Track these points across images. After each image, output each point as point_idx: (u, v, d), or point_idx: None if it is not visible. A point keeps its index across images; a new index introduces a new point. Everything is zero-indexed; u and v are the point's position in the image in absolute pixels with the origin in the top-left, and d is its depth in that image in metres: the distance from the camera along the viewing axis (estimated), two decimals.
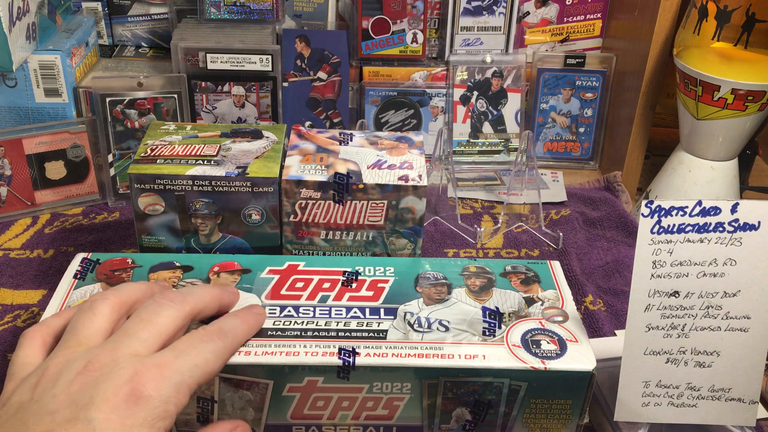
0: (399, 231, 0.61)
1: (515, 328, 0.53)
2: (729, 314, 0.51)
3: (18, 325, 0.67)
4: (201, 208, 0.61)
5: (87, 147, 0.82)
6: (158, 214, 0.61)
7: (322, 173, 0.59)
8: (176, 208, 0.61)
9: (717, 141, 0.79)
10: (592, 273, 0.77)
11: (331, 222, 0.61)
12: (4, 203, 0.80)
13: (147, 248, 0.62)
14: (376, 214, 0.60)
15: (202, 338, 0.45)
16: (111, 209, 0.83)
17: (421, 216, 0.60)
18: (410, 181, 0.59)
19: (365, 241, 0.62)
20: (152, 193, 0.60)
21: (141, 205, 0.60)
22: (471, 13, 0.93)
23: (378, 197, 0.59)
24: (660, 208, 0.49)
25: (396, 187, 0.59)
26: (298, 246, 0.62)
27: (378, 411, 0.52)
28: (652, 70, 0.85)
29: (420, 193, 0.59)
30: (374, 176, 0.59)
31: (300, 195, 0.59)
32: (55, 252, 0.76)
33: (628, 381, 0.52)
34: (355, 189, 0.59)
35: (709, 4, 0.75)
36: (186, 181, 0.59)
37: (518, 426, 0.53)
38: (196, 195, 0.60)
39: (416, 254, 0.63)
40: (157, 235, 0.62)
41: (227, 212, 0.61)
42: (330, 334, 0.51)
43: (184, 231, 0.62)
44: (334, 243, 0.62)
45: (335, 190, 0.59)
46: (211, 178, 0.59)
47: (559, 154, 0.99)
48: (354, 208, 0.60)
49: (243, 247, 0.63)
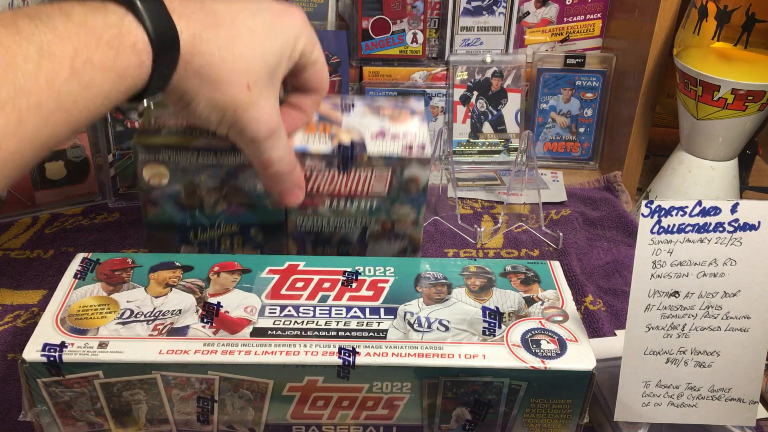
0: (402, 199, 0.61)
1: (515, 327, 0.53)
2: (729, 314, 0.51)
3: (18, 325, 0.67)
4: (206, 180, 0.60)
5: (87, 147, 0.82)
6: (163, 186, 0.60)
7: (326, 144, 0.59)
8: (181, 180, 0.60)
9: (717, 141, 0.79)
10: (592, 273, 0.77)
11: (336, 191, 0.60)
12: (4, 203, 0.80)
13: (152, 222, 0.61)
14: (380, 183, 0.60)
15: None
16: (111, 209, 0.83)
17: (424, 186, 0.60)
18: (414, 153, 0.59)
19: (369, 209, 0.61)
20: (157, 164, 0.59)
21: (146, 175, 0.59)
22: (471, 13, 0.93)
23: (382, 167, 0.59)
24: (660, 208, 0.49)
25: (400, 158, 0.59)
26: (302, 215, 0.62)
27: (378, 411, 0.52)
28: (652, 70, 0.85)
29: (424, 163, 0.59)
30: (379, 147, 0.59)
31: (305, 165, 0.58)
32: (55, 252, 0.76)
33: (628, 381, 0.52)
34: (360, 159, 0.59)
35: (709, 4, 0.75)
36: (191, 153, 0.58)
37: (518, 426, 0.53)
38: (201, 167, 0.59)
39: (419, 221, 0.63)
40: (162, 207, 0.61)
41: (232, 184, 0.60)
42: (330, 334, 0.51)
43: (189, 203, 0.61)
44: (338, 212, 0.62)
45: (340, 161, 0.59)
46: (216, 150, 0.58)
47: (559, 154, 0.99)
48: (358, 177, 0.60)
49: (247, 217, 0.62)
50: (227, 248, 0.64)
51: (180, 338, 0.50)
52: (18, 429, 0.56)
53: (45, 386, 0.49)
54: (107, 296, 0.54)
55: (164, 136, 0.59)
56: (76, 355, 0.49)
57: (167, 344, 0.50)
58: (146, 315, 0.52)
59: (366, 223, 0.62)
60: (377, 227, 0.62)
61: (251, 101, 0.49)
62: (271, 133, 0.51)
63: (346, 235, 0.63)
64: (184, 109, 0.48)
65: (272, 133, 0.51)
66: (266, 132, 0.51)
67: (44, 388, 0.49)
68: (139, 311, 0.53)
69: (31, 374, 0.49)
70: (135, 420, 0.52)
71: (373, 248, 0.64)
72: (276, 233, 0.63)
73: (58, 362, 0.48)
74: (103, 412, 0.51)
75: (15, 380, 0.60)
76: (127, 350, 0.49)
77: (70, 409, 0.51)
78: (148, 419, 0.52)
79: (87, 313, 0.52)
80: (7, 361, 0.63)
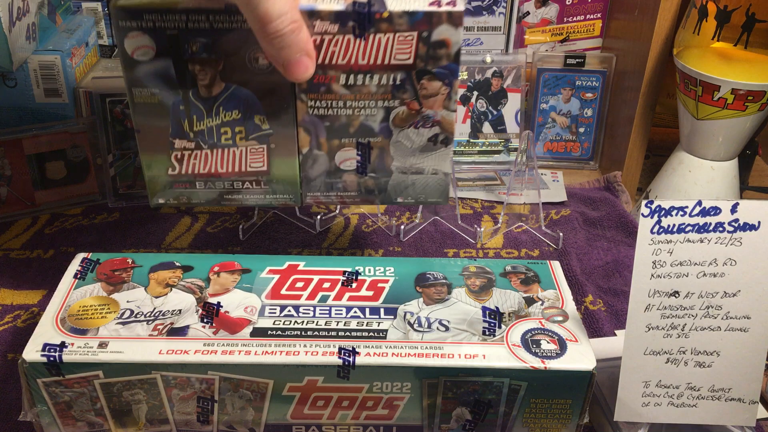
0: (431, 71, 0.52)
1: (515, 327, 0.53)
2: (729, 314, 0.51)
3: (18, 325, 0.67)
4: (198, 50, 0.51)
5: (87, 147, 0.82)
6: (149, 60, 0.51)
7: (339, 2, 0.50)
8: (169, 52, 0.51)
9: (717, 141, 0.79)
10: (592, 273, 0.77)
11: (352, 62, 0.52)
12: (4, 203, 0.80)
13: (140, 104, 0.53)
14: (404, 49, 0.51)
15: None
16: (111, 209, 0.83)
17: (457, 51, 0.52)
18: (443, 6, 0.50)
19: (392, 86, 0.53)
20: (140, 32, 0.50)
21: (128, 48, 0.51)
22: (471, 13, 0.93)
23: (406, 28, 0.50)
24: (660, 208, 0.49)
25: (427, 15, 0.50)
26: (314, 96, 0.53)
27: (378, 411, 0.52)
28: (652, 70, 0.85)
29: (455, 20, 0.51)
30: (401, 3, 0.50)
31: (314, 29, 0.50)
32: (55, 252, 0.76)
33: (628, 381, 0.52)
34: (379, 19, 0.50)
35: (709, 4, 0.75)
36: (179, 17, 0.50)
37: (518, 426, 0.53)
38: (192, 34, 0.50)
39: (451, 101, 0.54)
40: (150, 87, 0.52)
41: (229, 56, 0.52)
42: (330, 334, 0.51)
43: (181, 81, 0.52)
44: (356, 89, 0.53)
45: (355, 21, 0.50)
46: (208, 12, 0.50)
47: (559, 154, 0.99)
48: (378, 43, 0.51)
49: (250, 100, 0.54)
50: (229, 141, 0.55)
51: (180, 338, 0.50)
52: (18, 429, 0.56)
53: (45, 386, 0.49)
54: (107, 296, 0.54)
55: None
56: (76, 355, 0.49)
57: (167, 344, 0.50)
58: (146, 315, 0.52)
59: (389, 104, 0.53)
60: (402, 109, 0.54)
61: None
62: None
63: (366, 120, 0.54)
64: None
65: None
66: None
67: (44, 388, 0.49)
68: (139, 311, 0.53)
69: (31, 374, 0.49)
70: (135, 420, 0.52)
71: (397, 137, 0.55)
72: (284, 120, 0.54)
73: (58, 362, 0.48)
74: (103, 412, 0.51)
75: (15, 380, 0.60)
76: (127, 350, 0.49)
77: (70, 409, 0.51)
78: (148, 419, 0.52)
79: (87, 313, 0.52)
80: (7, 361, 0.63)
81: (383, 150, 0.55)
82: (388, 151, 0.55)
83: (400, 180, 0.56)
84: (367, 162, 0.56)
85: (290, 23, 0.46)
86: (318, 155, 0.55)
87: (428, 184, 0.56)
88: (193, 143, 0.54)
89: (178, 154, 0.54)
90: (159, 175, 0.55)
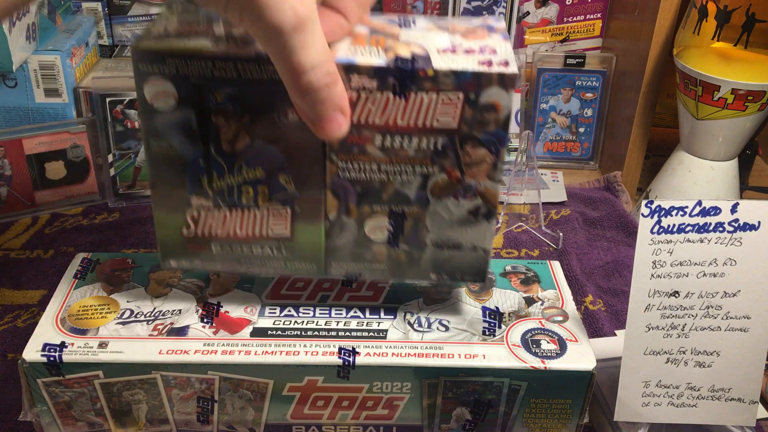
0: (477, 137, 0.47)
1: (515, 327, 0.53)
2: (729, 314, 0.51)
3: (18, 325, 0.67)
4: (224, 101, 0.47)
5: (87, 147, 0.82)
6: (169, 109, 0.47)
7: (380, 57, 0.45)
8: (192, 101, 0.47)
9: (717, 141, 0.79)
10: (592, 273, 0.77)
11: (390, 123, 0.46)
12: (4, 203, 0.80)
13: (156, 156, 0.48)
14: (449, 112, 0.46)
15: None
16: (111, 209, 0.83)
17: (506, 116, 0.46)
18: (495, 66, 0.45)
19: (432, 151, 0.47)
20: (162, 78, 0.46)
21: (148, 94, 0.47)
22: (471, 13, 0.93)
23: (452, 88, 0.45)
24: (660, 208, 0.49)
25: (476, 75, 0.45)
26: (346, 157, 0.48)
27: (378, 411, 0.52)
28: (652, 70, 0.85)
29: (507, 82, 0.45)
30: (447, 61, 0.45)
31: (350, 85, 0.45)
32: (55, 252, 0.76)
33: (628, 381, 0.52)
34: (423, 77, 0.45)
35: (709, 4, 0.75)
36: (205, 63, 0.45)
37: (518, 426, 0.53)
38: (217, 83, 0.46)
39: (497, 171, 0.48)
40: (168, 138, 0.48)
41: (257, 109, 0.47)
42: (330, 334, 0.51)
43: (203, 134, 0.48)
44: (393, 153, 0.47)
45: (396, 79, 0.45)
46: (237, 59, 0.45)
47: (559, 154, 0.99)
48: (420, 103, 0.46)
49: (275, 158, 0.49)
50: (250, 201, 0.50)
51: (180, 338, 0.50)
52: (18, 429, 0.56)
53: (45, 386, 0.49)
54: (107, 296, 0.54)
55: (172, 40, 0.46)
56: (76, 355, 0.49)
57: (167, 344, 0.50)
58: (146, 315, 0.52)
59: (427, 171, 0.48)
60: (442, 177, 0.48)
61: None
62: (301, 24, 0.38)
63: (402, 186, 0.49)
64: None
65: (302, 23, 0.38)
66: (294, 19, 0.38)
67: (44, 388, 0.49)
68: (139, 311, 0.53)
69: (31, 374, 0.49)
70: (135, 420, 0.52)
71: (435, 208, 0.49)
72: (311, 182, 0.49)
73: (58, 362, 0.48)
74: (103, 412, 0.51)
75: (15, 380, 0.60)
76: (127, 350, 0.49)
77: (70, 409, 0.51)
78: (148, 419, 0.52)
79: (87, 313, 0.52)
80: (7, 361, 0.63)
81: (418, 220, 0.50)
82: (423, 222, 0.50)
83: (436, 255, 0.51)
84: (399, 233, 0.50)
85: (325, 76, 0.41)
86: (346, 222, 0.50)
87: (466, 261, 0.51)
88: (211, 201, 0.50)
89: (195, 213, 0.50)
90: (172, 235, 0.51)
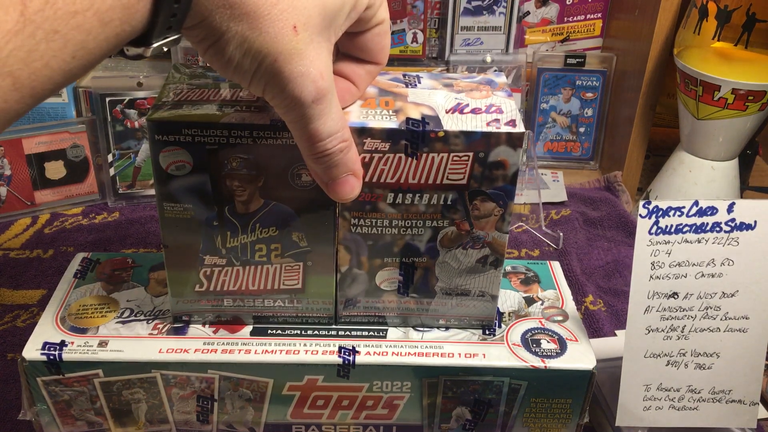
0: (485, 192, 0.49)
1: (515, 327, 0.53)
2: (728, 315, 0.51)
3: (18, 325, 0.67)
4: (238, 166, 0.48)
5: (87, 147, 0.82)
6: (184, 175, 0.48)
7: (391, 119, 0.47)
8: (207, 167, 0.47)
9: (717, 141, 0.79)
10: (592, 273, 0.77)
11: (401, 181, 0.48)
12: (4, 203, 0.81)
13: (170, 219, 0.49)
14: (459, 170, 0.48)
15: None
16: (111, 209, 0.83)
17: (514, 172, 0.48)
18: (503, 127, 0.47)
19: (442, 206, 0.49)
20: (177, 147, 0.47)
21: (163, 163, 0.47)
22: (471, 13, 0.93)
23: (462, 148, 0.47)
24: (657, 208, 0.49)
25: (485, 135, 0.47)
26: (358, 214, 0.50)
27: (378, 410, 0.52)
28: (652, 70, 0.85)
29: (515, 141, 0.47)
30: (457, 122, 0.47)
31: (363, 147, 0.47)
32: (55, 252, 0.76)
33: (629, 385, 0.52)
34: (434, 138, 0.46)
35: (710, 4, 0.75)
36: (221, 132, 0.46)
37: (518, 425, 0.53)
38: (232, 149, 0.47)
39: (504, 222, 0.50)
40: (183, 202, 0.49)
41: (271, 172, 0.48)
42: (330, 333, 0.51)
43: (217, 197, 0.49)
44: (404, 208, 0.49)
45: (408, 140, 0.47)
46: (252, 127, 0.46)
47: (559, 154, 0.99)
48: (431, 163, 0.47)
49: (288, 217, 0.50)
50: (263, 258, 0.51)
51: (180, 337, 0.50)
52: (18, 428, 0.56)
53: (45, 385, 0.49)
54: (107, 296, 0.54)
55: (186, 110, 0.47)
56: (76, 353, 0.49)
57: (167, 343, 0.50)
58: (146, 314, 0.52)
59: (437, 224, 0.50)
60: (452, 230, 0.50)
61: (297, 48, 0.38)
62: (321, 96, 0.40)
63: (413, 239, 0.50)
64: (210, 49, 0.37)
65: (322, 96, 0.40)
66: (314, 93, 0.39)
67: (44, 387, 0.49)
68: (139, 310, 0.53)
69: (31, 373, 0.49)
70: (135, 419, 0.52)
71: (444, 258, 0.51)
72: (324, 238, 0.50)
73: (58, 361, 0.48)
74: (102, 412, 0.51)
75: (15, 380, 0.60)
76: (126, 349, 0.49)
77: (69, 408, 0.51)
78: (148, 418, 0.52)
79: (87, 312, 0.52)
80: (7, 360, 0.63)
81: (428, 270, 0.51)
82: (432, 272, 0.51)
83: (444, 302, 0.53)
84: (409, 282, 0.52)
85: (340, 142, 0.43)
86: (357, 274, 0.52)
87: (473, 306, 0.53)
88: (224, 260, 0.51)
89: (208, 271, 0.51)
90: (184, 291, 0.52)
